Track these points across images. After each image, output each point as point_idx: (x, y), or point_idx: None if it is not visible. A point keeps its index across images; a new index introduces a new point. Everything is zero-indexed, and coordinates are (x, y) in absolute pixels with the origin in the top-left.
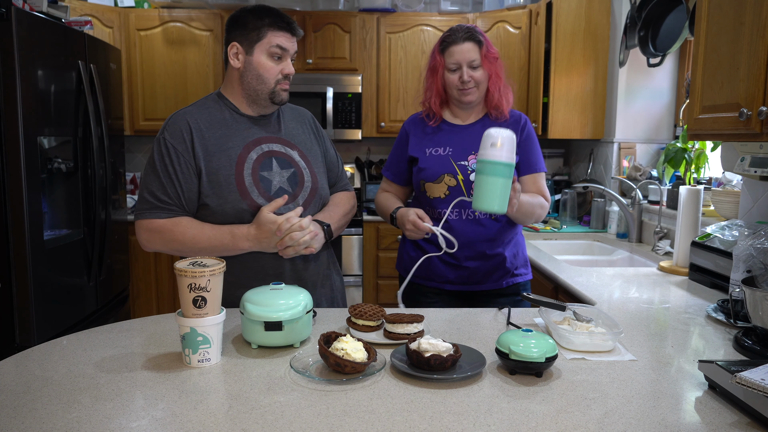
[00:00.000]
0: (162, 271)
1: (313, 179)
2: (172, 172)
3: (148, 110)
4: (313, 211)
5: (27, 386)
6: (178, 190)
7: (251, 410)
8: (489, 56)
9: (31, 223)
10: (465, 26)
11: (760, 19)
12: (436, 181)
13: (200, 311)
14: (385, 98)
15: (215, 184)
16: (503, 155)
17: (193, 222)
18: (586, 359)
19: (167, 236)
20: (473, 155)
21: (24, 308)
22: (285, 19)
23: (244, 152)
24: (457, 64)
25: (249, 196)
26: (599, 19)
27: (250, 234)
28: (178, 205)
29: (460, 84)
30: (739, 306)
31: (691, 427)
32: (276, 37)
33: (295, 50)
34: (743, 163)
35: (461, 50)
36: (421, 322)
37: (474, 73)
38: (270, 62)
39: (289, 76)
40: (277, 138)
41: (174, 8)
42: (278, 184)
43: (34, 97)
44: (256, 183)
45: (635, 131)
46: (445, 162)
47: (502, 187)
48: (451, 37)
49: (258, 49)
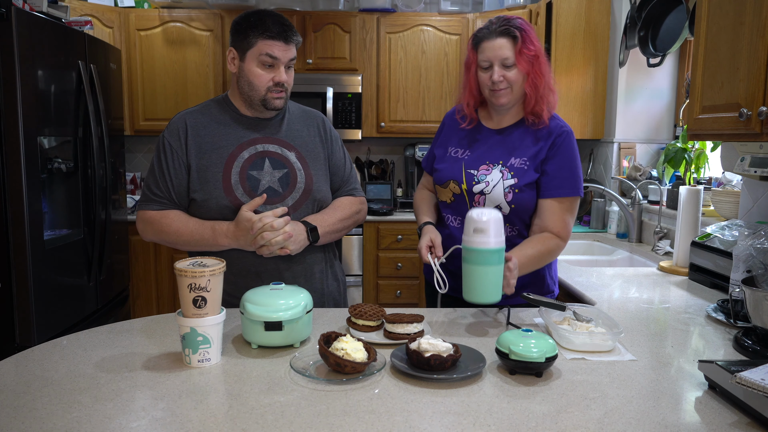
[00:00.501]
0: (162, 271)
1: (308, 181)
2: (165, 167)
3: (148, 110)
4: (305, 212)
5: (27, 386)
6: (168, 185)
7: (251, 410)
8: (525, 54)
9: (31, 223)
10: (503, 18)
11: (760, 19)
12: (443, 186)
13: (200, 311)
14: (385, 98)
15: (203, 180)
16: (490, 241)
17: (180, 216)
18: (586, 359)
19: (156, 227)
20: (486, 165)
21: (24, 308)
22: (277, 29)
23: (237, 151)
24: (488, 61)
25: (233, 194)
26: (599, 19)
27: (229, 231)
28: (168, 198)
29: (491, 84)
30: (739, 306)
31: (691, 427)
32: (266, 46)
33: (289, 58)
34: (743, 163)
35: (492, 47)
36: (421, 322)
37: (507, 72)
38: (260, 70)
39: (281, 84)
40: (275, 139)
41: (174, 8)
42: (267, 183)
43: (34, 97)
44: (243, 181)
45: (635, 131)
46: (457, 167)
47: (493, 275)
48: (483, 31)
49: (249, 57)
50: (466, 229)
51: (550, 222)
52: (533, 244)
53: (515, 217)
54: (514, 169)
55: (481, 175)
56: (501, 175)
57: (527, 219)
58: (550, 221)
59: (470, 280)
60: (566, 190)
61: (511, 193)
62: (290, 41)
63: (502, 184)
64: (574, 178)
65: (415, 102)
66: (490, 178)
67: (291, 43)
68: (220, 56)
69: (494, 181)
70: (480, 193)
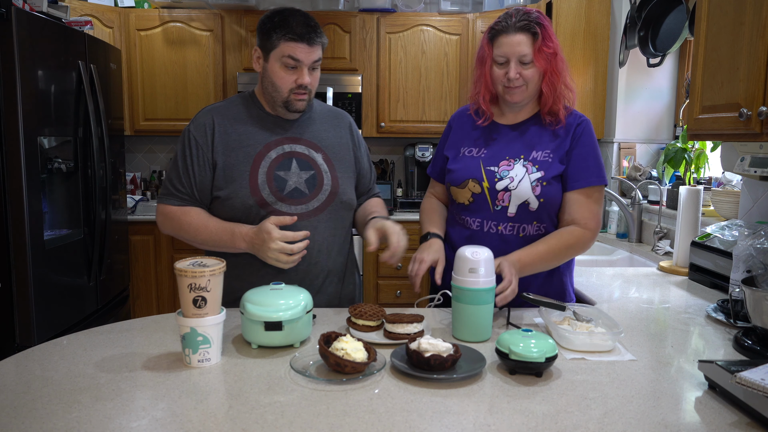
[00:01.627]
0: (162, 271)
1: (334, 183)
2: (189, 163)
3: (148, 110)
4: (331, 215)
5: (27, 386)
6: (192, 181)
7: (251, 410)
8: (543, 51)
9: (31, 223)
10: (523, 11)
11: (760, 19)
12: (461, 186)
13: (200, 311)
14: (385, 98)
15: (229, 179)
16: (480, 281)
17: (201, 214)
18: (586, 359)
19: (176, 223)
20: (506, 161)
21: (24, 308)
22: (301, 30)
23: (264, 150)
24: (504, 57)
25: (259, 193)
26: (599, 19)
27: (248, 236)
28: (190, 194)
29: (506, 81)
30: (739, 306)
31: (691, 427)
32: (289, 48)
33: (313, 60)
34: (743, 163)
35: (510, 43)
36: (421, 322)
37: (524, 69)
38: (282, 72)
39: (304, 86)
40: (302, 139)
41: (174, 8)
42: (294, 184)
43: (34, 97)
44: (270, 181)
45: (635, 131)
46: (474, 165)
47: (485, 314)
48: (501, 24)
49: (272, 57)
50: (456, 267)
51: (578, 214)
52: (547, 239)
53: (543, 213)
54: (538, 162)
55: (503, 171)
56: (525, 170)
57: (554, 215)
58: (578, 213)
59: (462, 320)
60: (593, 179)
61: (539, 186)
62: (314, 43)
63: (528, 179)
64: (599, 166)
65: (415, 102)
66: (513, 173)
67: (315, 44)
68: (220, 56)
69: (519, 175)
70: (504, 190)
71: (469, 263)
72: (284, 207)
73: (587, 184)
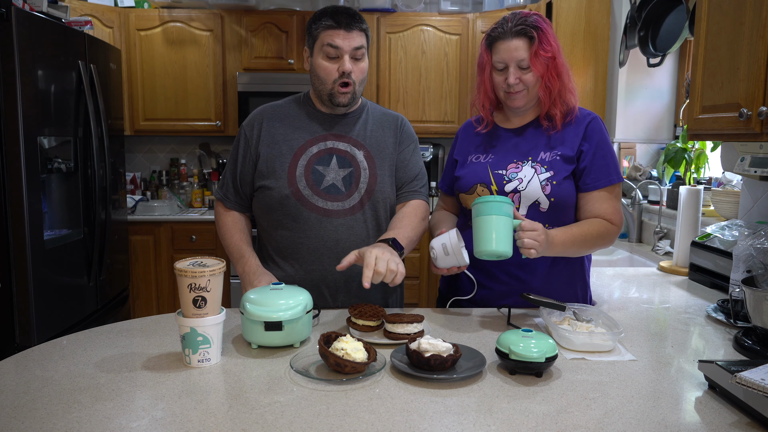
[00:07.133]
0: (162, 271)
1: (371, 181)
2: (236, 156)
3: (148, 110)
4: (368, 214)
5: (27, 386)
6: (237, 173)
7: (251, 410)
8: (541, 55)
9: (31, 223)
10: (519, 15)
11: (760, 19)
12: (469, 192)
13: (200, 311)
14: (385, 98)
15: (270, 170)
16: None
17: (234, 225)
18: (586, 359)
19: (217, 221)
20: (514, 164)
21: (24, 308)
22: (337, 18)
23: (306, 145)
24: (503, 63)
25: (296, 185)
26: (599, 19)
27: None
28: (234, 187)
29: (506, 86)
30: (739, 306)
31: (691, 427)
32: (327, 36)
33: (353, 47)
34: (743, 163)
35: (507, 48)
36: (421, 322)
37: (524, 74)
38: (325, 62)
39: (347, 74)
40: (345, 137)
41: (174, 8)
42: (331, 180)
43: (34, 97)
44: (307, 174)
45: (635, 131)
46: (482, 170)
47: (503, 224)
48: (498, 30)
49: (315, 50)
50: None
51: (602, 210)
52: (580, 224)
53: (554, 215)
54: (547, 163)
55: (512, 173)
56: (534, 171)
57: (565, 218)
58: (602, 209)
59: (480, 230)
60: (614, 177)
61: (548, 185)
62: (351, 28)
63: (538, 179)
64: (616, 164)
65: (415, 102)
66: (522, 174)
67: (353, 29)
68: (220, 56)
69: (528, 176)
70: (513, 191)
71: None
72: (320, 201)
73: (608, 183)
